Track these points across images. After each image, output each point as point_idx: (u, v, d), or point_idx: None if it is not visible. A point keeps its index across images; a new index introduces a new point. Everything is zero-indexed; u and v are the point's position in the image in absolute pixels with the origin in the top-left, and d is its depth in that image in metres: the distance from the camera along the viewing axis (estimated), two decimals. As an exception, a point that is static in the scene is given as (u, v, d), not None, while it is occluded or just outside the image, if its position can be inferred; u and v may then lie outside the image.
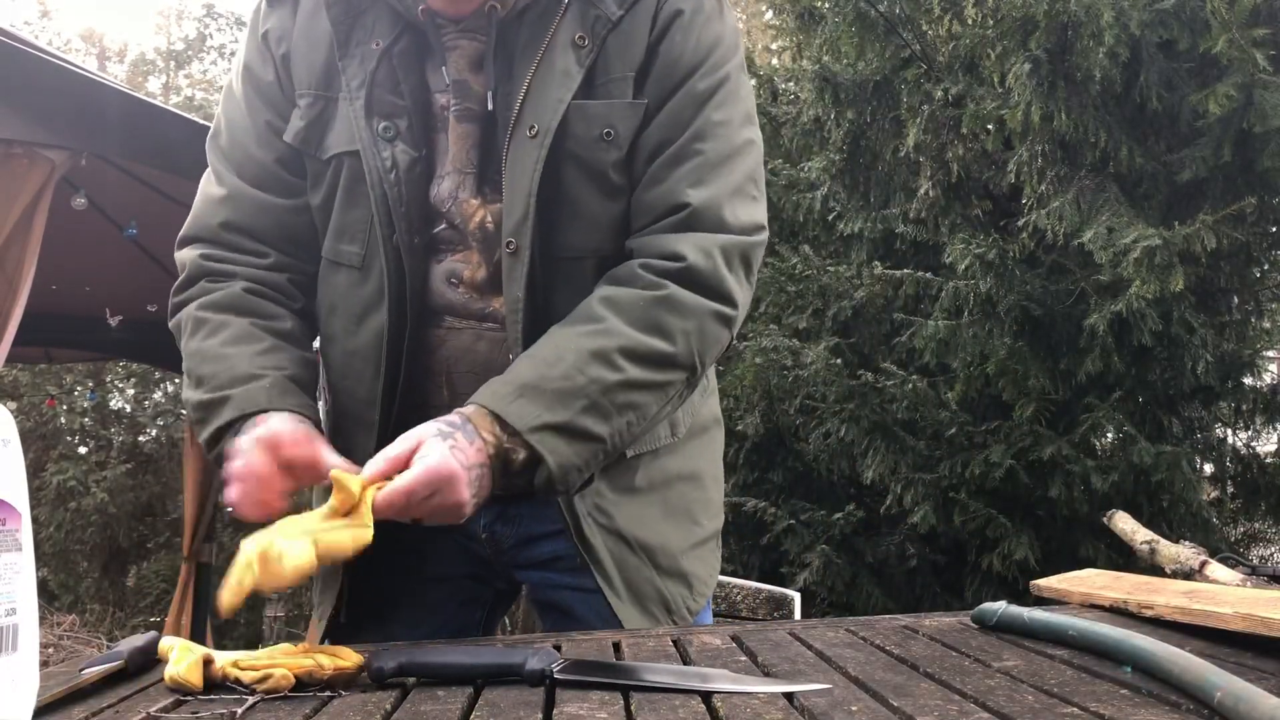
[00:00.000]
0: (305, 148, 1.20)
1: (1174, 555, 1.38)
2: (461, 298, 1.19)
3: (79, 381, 9.27)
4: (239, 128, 1.25)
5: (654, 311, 1.10)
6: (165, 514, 8.93)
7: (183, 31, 15.07)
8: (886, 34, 4.40)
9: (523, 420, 1.03)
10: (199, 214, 1.27)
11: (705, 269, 1.11)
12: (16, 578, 0.71)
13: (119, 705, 0.83)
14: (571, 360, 1.07)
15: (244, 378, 1.13)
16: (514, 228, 1.12)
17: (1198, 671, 0.73)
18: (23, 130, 2.56)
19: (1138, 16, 3.59)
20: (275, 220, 1.24)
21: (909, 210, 4.41)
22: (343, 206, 1.19)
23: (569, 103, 1.11)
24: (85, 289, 4.45)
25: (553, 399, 1.05)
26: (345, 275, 1.21)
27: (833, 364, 4.21)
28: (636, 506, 1.23)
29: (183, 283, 1.24)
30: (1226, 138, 3.61)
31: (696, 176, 1.14)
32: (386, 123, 1.15)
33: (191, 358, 1.19)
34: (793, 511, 4.43)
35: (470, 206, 1.17)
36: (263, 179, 1.23)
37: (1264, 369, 4.35)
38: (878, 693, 0.78)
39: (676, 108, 1.14)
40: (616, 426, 1.08)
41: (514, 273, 1.13)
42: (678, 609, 1.25)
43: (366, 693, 0.84)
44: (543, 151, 1.11)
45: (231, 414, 1.11)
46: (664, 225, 1.14)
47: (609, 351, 1.07)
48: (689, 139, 1.14)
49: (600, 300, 1.11)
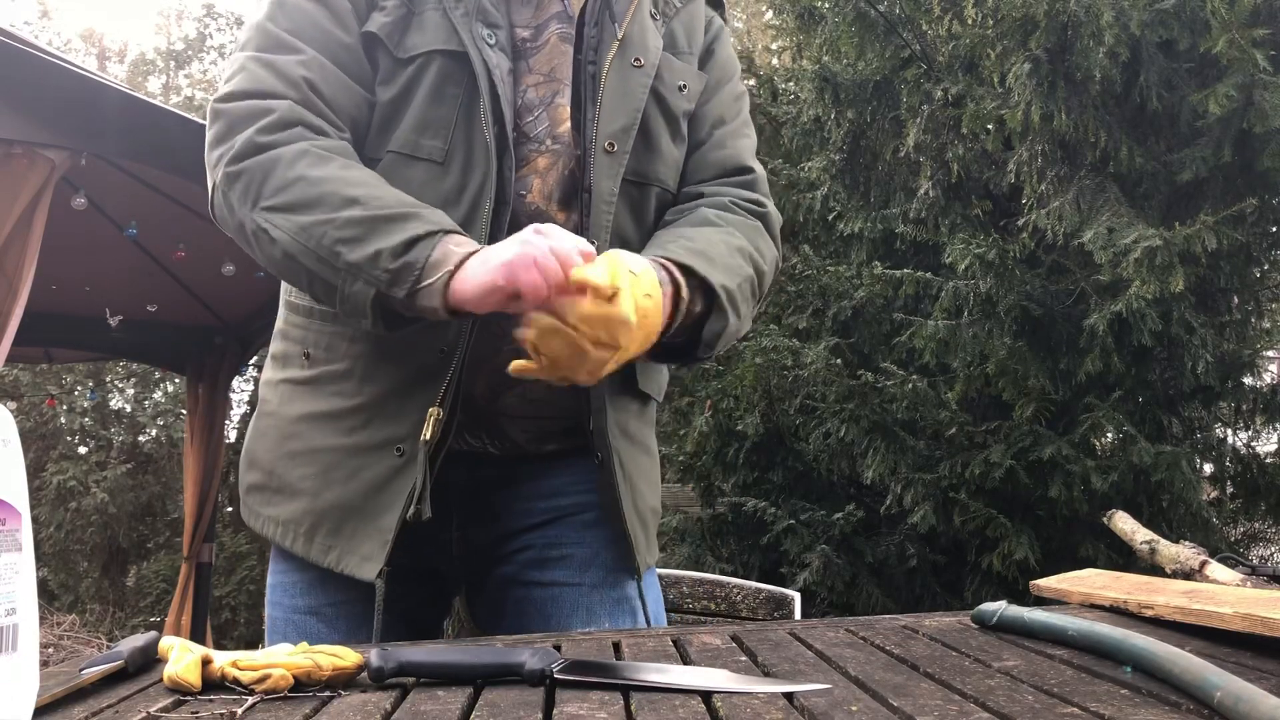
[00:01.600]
0: (389, 41, 1.18)
1: (1174, 555, 1.38)
2: (527, 208, 1.20)
3: (79, 381, 9.28)
4: (315, 13, 1.18)
5: (756, 237, 1.27)
6: (165, 514, 8.94)
7: (183, 31, 15.06)
8: (886, 34, 4.40)
9: (713, 275, 1.13)
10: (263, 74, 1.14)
11: (775, 223, 1.33)
12: (16, 578, 0.71)
13: (119, 705, 0.83)
14: (721, 246, 1.19)
15: (417, 204, 1.09)
16: (617, 133, 1.21)
17: (1198, 671, 0.73)
18: (23, 130, 2.56)
19: (1138, 16, 3.59)
20: (353, 104, 1.18)
21: (909, 210, 4.41)
22: (428, 102, 1.17)
23: (662, 50, 1.27)
24: (85, 289, 4.45)
25: (725, 270, 1.16)
26: (424, 169, 1.17)
27: (833, 364, 4.21)
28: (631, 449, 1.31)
29: (275, 123, 1.11)
30: (1226, 138, 3.61)
31: (752, 155, 1.37)
32: (489, 30, 1.20)
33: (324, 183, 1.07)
34: (793, 511, 4.43)
35: (564, 112, 1.23)
36: (345, 60, 1.17)
37: (1264, 369, 4.35)
38: (878, 693, 0.78)
39: (727, 96, 1.36)
40: (743, 315, 1.21)
41: (611, 169, 1.20)
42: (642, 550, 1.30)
43: (366, 693, 0.84)
44: (649, 80, 1.24)
45: (430, 226, 1.05)
46: (735, 181, 1.32)
47: (744, 248, 1.22)
48: (741, 124, 1.37)
49: (715, 213, 1.25)
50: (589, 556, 1.28)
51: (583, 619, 1.25)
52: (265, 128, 1.11)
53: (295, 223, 1.07)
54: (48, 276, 2.81)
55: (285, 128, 1.11)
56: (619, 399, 1.28)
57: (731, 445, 4.67)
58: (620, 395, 1.28)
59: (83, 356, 6.73)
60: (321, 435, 1.22)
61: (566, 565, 1.26)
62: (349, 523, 1.20)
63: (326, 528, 1.21)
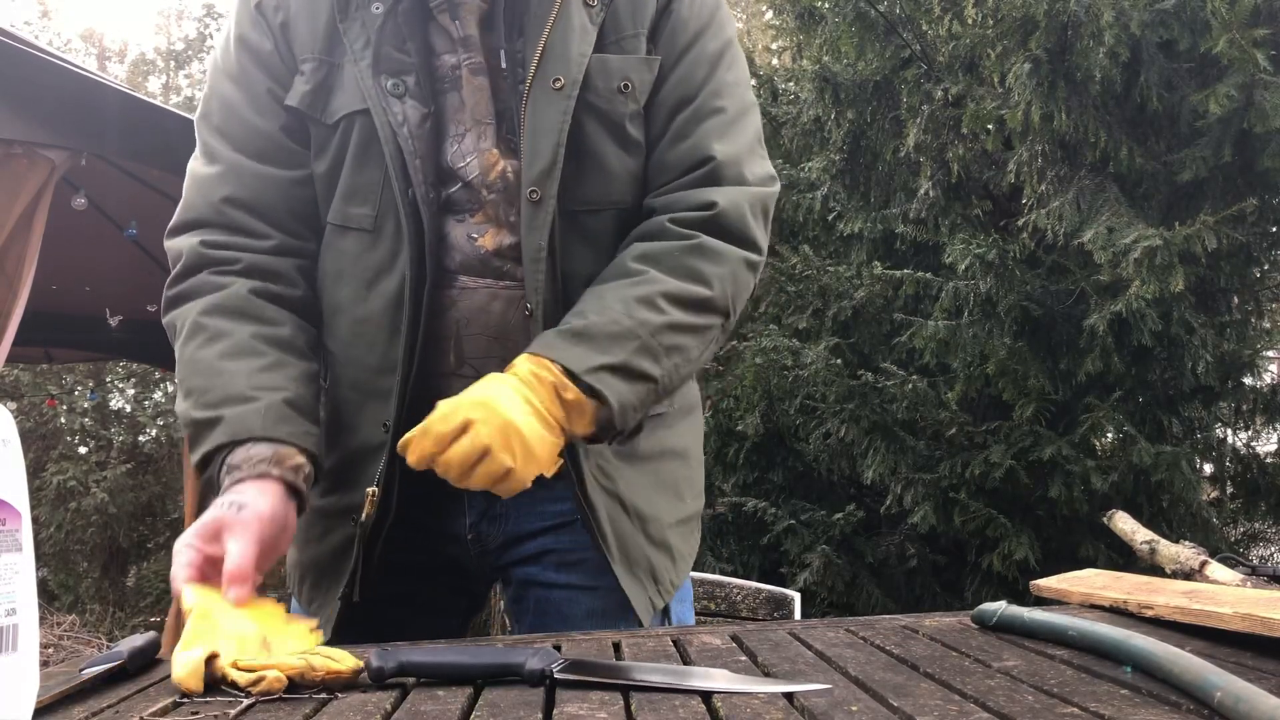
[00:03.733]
0: (311, 111, 1.18)
1: (1174, 555, 1.38)
2: (479, 254, 1.17)
3: (79, 381, 9.27)
4: (235, 100, 1.21)
5: (689, 259, 1.13)
6: (165, 514, 8.93)
7: (183, 31, 15.05)
8: (886, 34, 4.40)
9: (580, 363, 1.05)
10: (193, 197, 1.21)
11: (734, 216, 1.16)
12: (16, 578, 0.71)
13: (119, 705, 0.83)
14: (618, 308, 1.09)
15: (238, 398, 1.10)
16: (537, 177, 1.12)
17: (1198, 671, 0.73)
18: (23, 130, 2.56)
19: (1138, 16, 3.59)
20: (280, 194, 1.20)
21: (909, 210, 4.41)
22: (354, 168, 1.17)
23: (590, 56, 1.14)
24: (85, 289, 4.45)
25: (606, 341, 1.07)
26: (355, 240, 1.18)
27: (833, 364, 4.21)
28: (634, 474, 1.23)
29: (180, 273, 1.19)
30: (1226, 138, 3.61)
31: (720, 132, 1.18)
32: (395, 80, 1.14)
33: (185, 366, 1.15)
34: (793, 511, 4.43)
35: (492, 156, 1.16)
36: (265, 150, 1.19)
37: (1264, 369, 4.35)
38: (878, 693, 0.78)
39: (691, 66, 1.19)
40: (666, 368, 1.10)
41: (535, 220, 1.13)
42: (663, 580, 1.25)
43: (366, 693, 0.84)
44: (570, 103, 1.13)
45: (222, 438, 1.08)
46: (690, 180, 1.17)
47: (652, 296, 1.10)
48: (708, 96, 1.19)
49: (635, 257, 1.14)
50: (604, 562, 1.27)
51: (597, 622, 1.24)
52: (173, 279, 1.19)
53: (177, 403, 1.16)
54: (48, 276, 2.81)
55: (189, 276, 1.18)
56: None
57: (731, 445, 4.67)
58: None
59: (83, 356, 6.73)
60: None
61: (585, 569, 1.24)
62: (323, 581, 1.25)
63: (310, 581, 1.27)
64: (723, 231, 1.15)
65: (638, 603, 1.21)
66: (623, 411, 1.07)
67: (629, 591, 1.20)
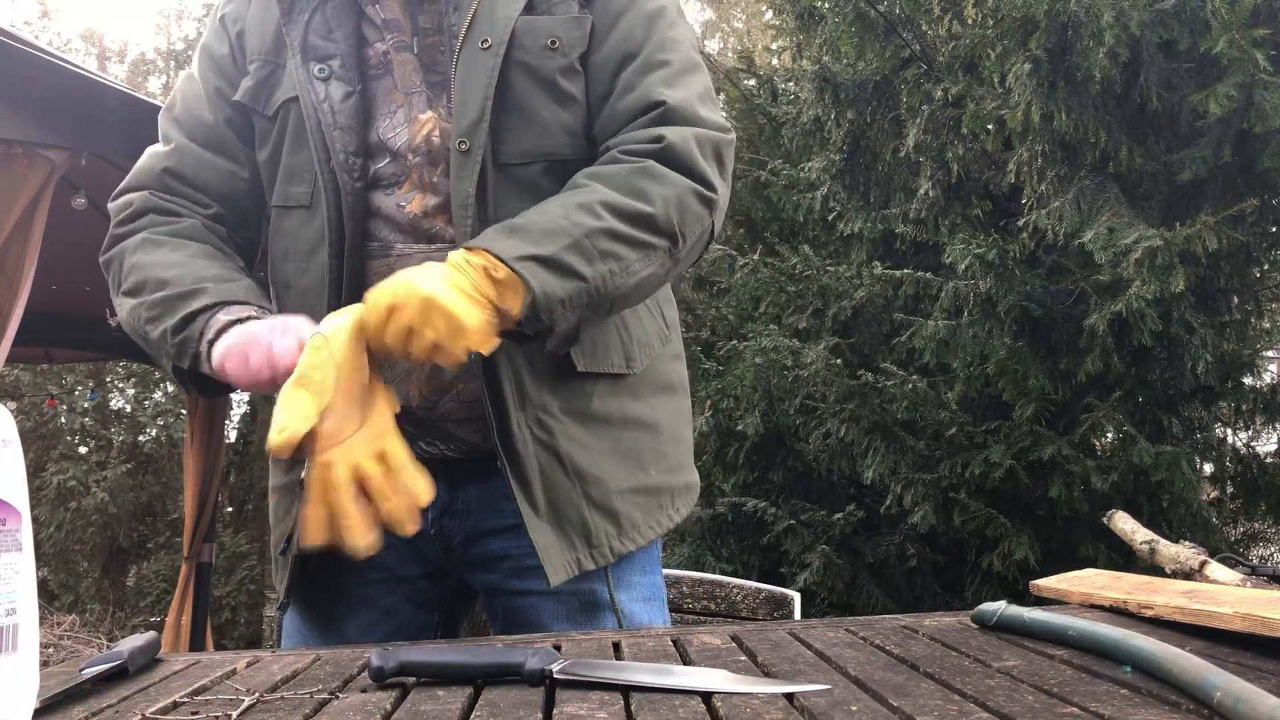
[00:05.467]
0: (254, 104, 1.28)
1: (1174, 555, 1.38)
2: (409, 219, 1.23)
3: (79, 381, 9.28)
4: (191, 95, 1.34)
5: (634, 178, 1.16)
6: (165, 514, 8.94)
7: (183, 31, 15.04)
8: (886, 34, 4.40)
9: (510, 251, 1.07)
10: (140, 168, 1.33)
11: (682, 149, 1.18)
12: (16, 578, 0.71)
13: (119, 705, 0.83)
14: (556, 210, 1.13)
15: (216, 278, 1.17)
16: (466, 129, 1.18)
17: (1197, 671, 0.73)
18: (23, 130, 2.56)
19: (1138, 16, 3.58)
20: (218, 178, 1.31)
21: (909, 210, 4.40)
22: (290, 150, 1.26)
23: (516, 18, 1.20)
24: (85, 289, 4.44)
25: (539, 236, 1.10)
26: (295, 217, 1.26)
27: (833, 364, 4.21)
28: (584, 434, 1.24)
29: (128, 215, 1.29)
30: (1226, 138, 3.60)
31: (668, 80, 1.22)
32: (321, 65, 1.24)
33: (148, 268, 1.21)
34: (793, 511, 4.43)
35: (419, 122, 1.23)
36: (210, 139, 1.31)
37: (1264, 369, 4.35)
38: (878, 693, 0.78)
39: (630, 24, 1.24)
40: (599, 270, 1.11)
41: (464, 170, 1.18)
42: (599, 543, 1.24)
43: (366, 693, 0.84)
44: (497, 60, 1.18)
45: (210, 300, 1.14)
46: (641, 122, 1.21)
47: (591, 203, 1.13)
48: (653, 50, 1.23)
49: (583, 174, 1.18)
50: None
51: (564, 626, 1.25)
52: (121, 220, 1.30)
53: (126, 305, 1.23)
54: (48, 276, 2.80)
55: (136, 218, 1.29)
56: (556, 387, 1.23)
57: (731, 445, 4.67)
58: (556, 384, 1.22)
59: (83, 356, 6.73)
60: (276, 473, 1.34)
61: (539, 574, 1.22)
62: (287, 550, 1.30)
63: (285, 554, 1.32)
64: (670, 161, 1.17)
65: (551, 556, 1.20)
66: (548, 302, 1.08)
67: (539, 543, 1.19)
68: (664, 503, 1.32)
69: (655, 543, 1.34)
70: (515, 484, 1.20)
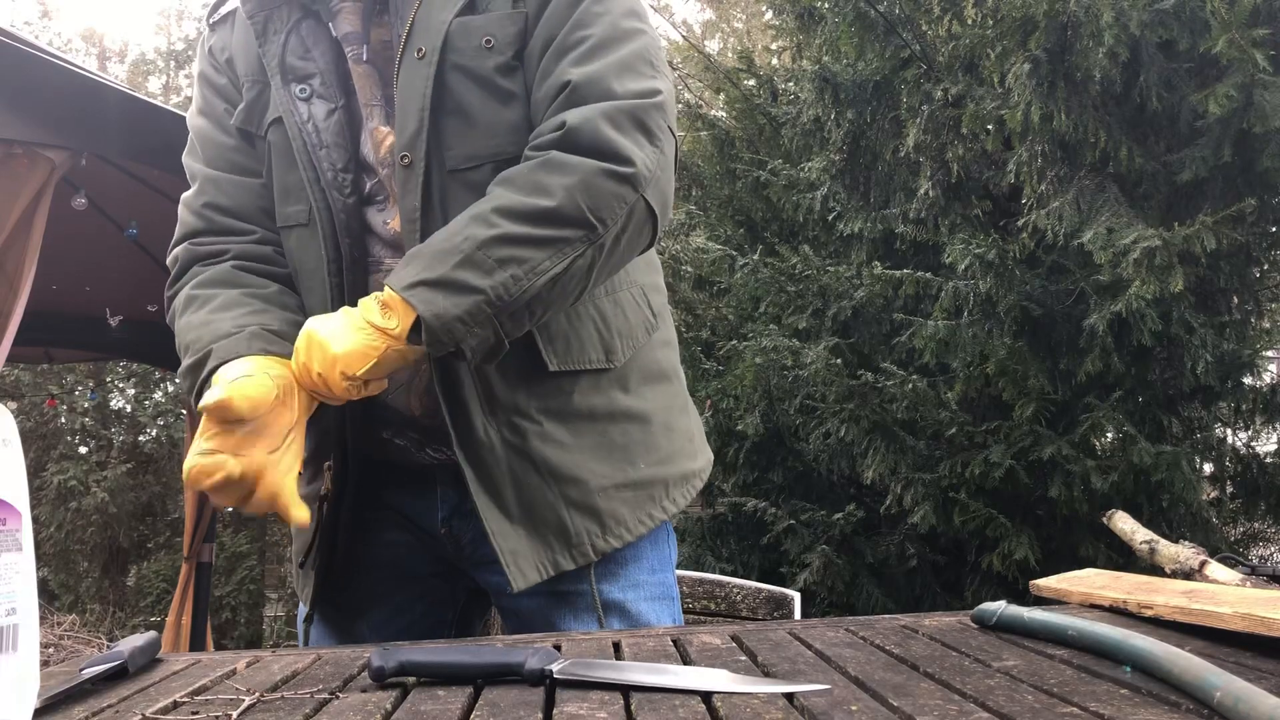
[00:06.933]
0: (247, 126, 1.30)
1: (1174, 555, 1.38)
2: (391, 235, 1.24)
3: (79, 381, 9.27)
4: (203, 128, 1.35)
5: (534, 174, 1.13)
6: (165, 514, 8.93)
7: (183, 31, 15.04)
8: (886, 34, 4.40)
9: (399, 281, 1.09)
10: (183, 215, 1.35)
11: (584, 130, 1.14)
12: (16, 578, 0.71)
13: (119, 705, 0.83)
14: (454, 228, 1.13)
15: (223, 335, 1.18)
16: (407, 142, 1.19)
17: (1197, 671, 0.73)
18: (23, 130, 2.56)
19: (1138, 16, 3.58)
20: (252, 197, 1.31)
21: (909, 210, 4.40)
22: (281, 171, 1.27)
23: (450, 21, 1.19)
24: (85, 289, 4.44)
25: (430, 259, 1.10)
26: (297, 235, 1.27)
27: (833, 364, 4.20)
28: (564, 433, 1.23)
29: (175, 275, 1.32)
30: (1226, 138, 3.60)
31: (580, 58, 1.18)
32: (302, 85, 1.25)
33: (182, 333, 1.23)
34: (793, 511, 4.43)
35: (380, 134, 1.24)
36: (233, 162, 1.32)
37: (1264, 369, 4.35)
38: (878, 693, 0.78)
39: (553, 10, 1.20)
40: (499, 279, 1.09)
41: (408, 184, 1.19)
42: (580, 543, 1.23)
43: (366, 693, 0.84)
44: (431, 69, 1.18)
45: (212, 364, 1.15)
46: (551, 109, 1.18)
47: (484, 213, 1.12)
48: (570, 29, 1.20)
49: (493, 182, 1.17)
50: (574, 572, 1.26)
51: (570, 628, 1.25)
52: (171, 281, 1.31)
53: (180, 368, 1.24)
54: (48, 276, 2.80)
55: (183, 273, 1.30)
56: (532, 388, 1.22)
57: (731, 445, 4.67)
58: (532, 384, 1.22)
59: (83, 356, 6.72)
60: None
61: None
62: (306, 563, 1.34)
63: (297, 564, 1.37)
64: (574, 146, 1.14)
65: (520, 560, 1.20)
66: (442, 323, 1.08)
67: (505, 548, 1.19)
68: (656, 495, 1.30)
69: (666, 541, 1.35)
70: (481, 491, 1.20)
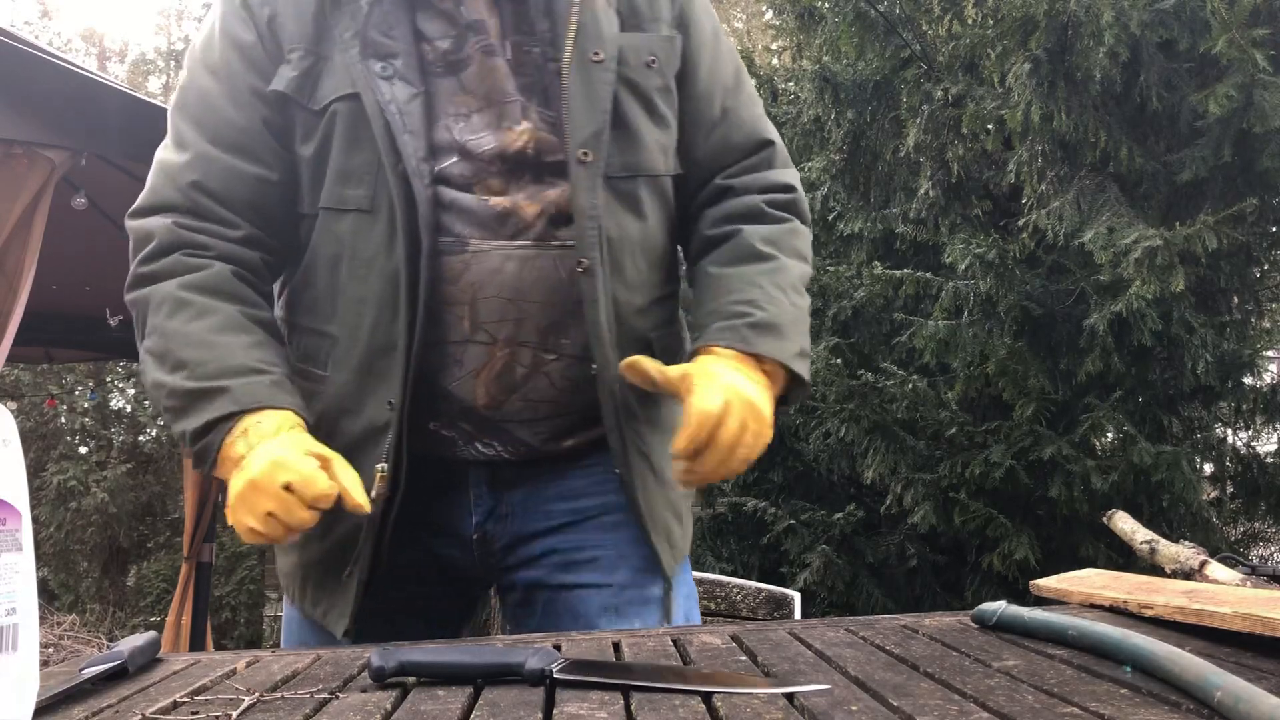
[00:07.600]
0: (298, 96, 1.19)
1: (1174, 555, 1.38)
2: (494, 212, 1.18)
3: (79, 381, 9.28)
4: (212, 92, 1.22)
5: (795, 242, 1.31)
6: (165, 514, 8.93)
7: (183, 31, 15.05)
8: (886, 34, 4.40)
9: (782, 353, 1.20)
10: (159, 182, 1.23)
11: (803, 197, 1.36)
12: (16, 578, 0.71)
13: (119, 705, 0.83)
14: (782, 297, 1.24)
15: (241, 370, 1.13)
16: (588, 140, 1.18)
17: (1197, 671, 0.73)
18: (23, 130, 2.56)
19: (1138, 16, 3.59)
20: (246, 188, 1.21)
21: (909, 210, 4.41)
22: (345, 151, 1.18)
23: (619, 35, 1.22)
24: (85, 289, 4.44)
25: (790, 330, 1.23)
26: (352, 220, 1.18)
27: (833, 364, 4.21)
28: (657, 441, 1.28)
29: (153, 252, 1.20)
30: (1226, 138, 3.61)
31: (764, 118, 1.36)
32: (383, 63, 1.17)
33: (170, 338, 1.15)
34: (793, 511, 4.43)
35: (514, 133, 1.19)
36: (237, 143, 1.21)
37: (1264, 369, 4.35)
38: (878, 693, 0.78)
39: (722, 58, 1.32)
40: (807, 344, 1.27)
41: (586, 181, 1.18)
42: (677, 544, 1.31)
43: (366, 693, 0.84)
44: (611, 75, 1.20)
45: (231, 407, 1.10)
46: (759, 160, 1.33)
47: (796, 283, 1.28)
48: (749, 86, 1.35)
49: (760, 239, 1.28)
50: (615, 559, 1.27)
51: (611, 619, 1.25)
52: (145, 257, 1.20)
53: (147, 364, 1.18)
54: (48, 276, 2.80)
55: (163, 255, 1.19)
56: (643, 398, 1.25)
57: (731, 445, 4.66)
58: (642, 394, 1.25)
59: (83, 356, 6.72)
60: None
61: (594, 568, 1.25)
62: (328, 578, 1.25)
63: (313, 581, 1.28)
64: (801, 214, 1.34)
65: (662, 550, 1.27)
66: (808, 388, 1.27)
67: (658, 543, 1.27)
68: (688, 516, 1.38)
69: None
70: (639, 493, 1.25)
